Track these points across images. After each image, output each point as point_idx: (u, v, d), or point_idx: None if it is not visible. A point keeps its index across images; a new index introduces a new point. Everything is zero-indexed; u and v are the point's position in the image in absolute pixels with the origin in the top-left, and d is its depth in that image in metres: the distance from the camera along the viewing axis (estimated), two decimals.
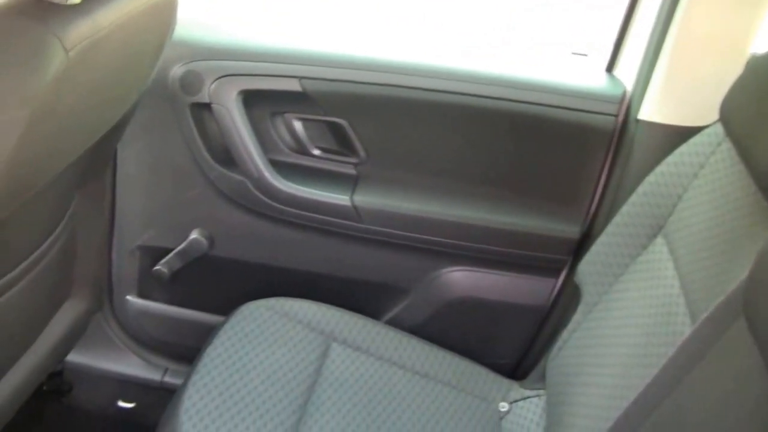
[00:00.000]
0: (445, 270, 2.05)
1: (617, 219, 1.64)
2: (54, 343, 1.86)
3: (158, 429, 1.62)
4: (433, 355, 1.88)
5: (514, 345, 2.11)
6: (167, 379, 2.33)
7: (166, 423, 1.59)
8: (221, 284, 2.17)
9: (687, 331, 1.27)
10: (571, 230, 1.93)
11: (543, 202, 1.94)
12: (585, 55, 2.09)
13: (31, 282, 1.62)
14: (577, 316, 1.72)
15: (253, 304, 1.85)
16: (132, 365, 2.35)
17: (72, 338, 1.98)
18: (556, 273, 2.01)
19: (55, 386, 2.33)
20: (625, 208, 1.63)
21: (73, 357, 2.31)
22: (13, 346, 1.70)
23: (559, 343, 1.76)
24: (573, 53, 2.12)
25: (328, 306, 1.90)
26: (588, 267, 1.69)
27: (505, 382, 1.90)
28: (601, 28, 2.13)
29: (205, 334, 1.81)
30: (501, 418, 1.81)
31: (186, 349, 2.14)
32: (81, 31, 1.16)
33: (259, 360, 1.72)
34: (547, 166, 1.90)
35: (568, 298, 1.97)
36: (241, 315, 1.82)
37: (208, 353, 1.71)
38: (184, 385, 1.64)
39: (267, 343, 1.76)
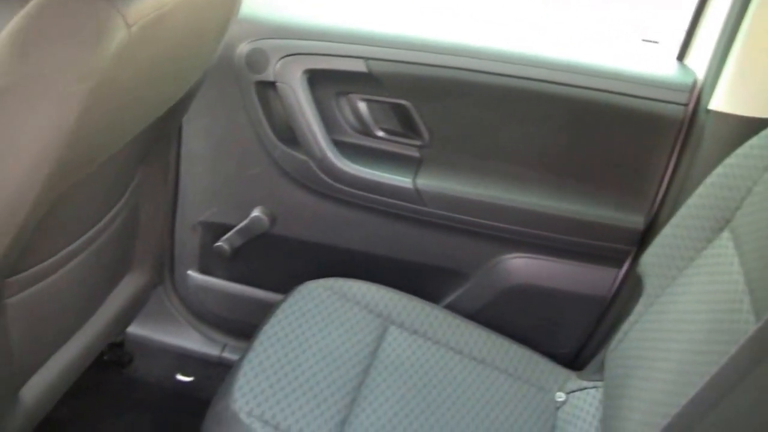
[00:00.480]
0: (506, 256, 2.03)
1: (683, 211, 1.61)
2: (114, 315, 1.88)
3: (212, 404, 1.63)
4: (490, 342, 1.86)
5: (574, 335, 2.08)
6: (225, 354, 2.34)
7: (220, 399, 1.60)
8: (281, 263, 2.18)
9: (751, 329, 1.24)
10: (636, 220, 1.90)
11: (608, 190, 1.91)
12: (656, 42, 2.06)
13: (92, 254, 1.63)
14: (638, 308, 1.69)
15: (312, 284, 1.85)
16: (191, 339, 2.37)
17: (132, 311, 2.00)
18: (618, 263, 1.98)
19: (115, 357, 2.35)
20: (692, 200, 1.59)
21: (134, 329, 2.33)
22: (74, 315, 1.72)
23: (619, 335, 1.74)
24: (644, 40, 2.09)
25: (387, 288, 1.89)
26: (651, 258, 1.66)
27: (563, 372, 1.88)
28: (675, 15, 2.09)
29: (264, 312, 1.82)
30: (557, 408, 1.79)
31: (245, 326, 2.15)
32: (144, 6, 1.16)
33: (315, 340, 1.72)
34: (613, 155, 1.88)
35: (630, 290, 1.94)
36: (300, 294, 1.82)
37: (264, 331, 1.71)
38: (240, 361, 1.65)
39: (324, 323, 1.76)
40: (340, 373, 1.67)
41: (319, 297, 1.82)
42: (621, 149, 1.87)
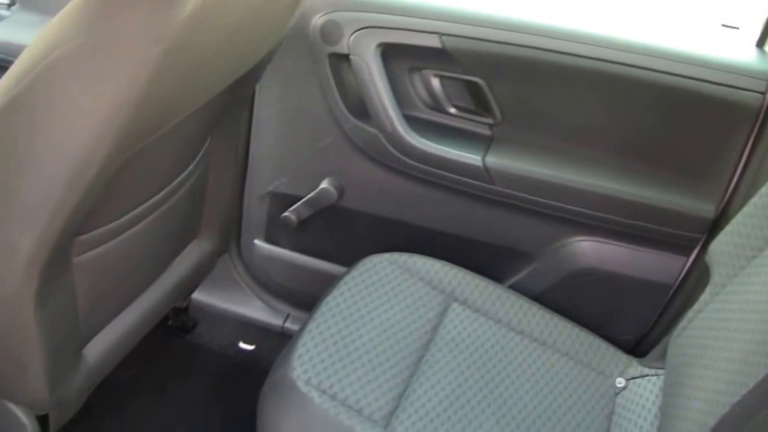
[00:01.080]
0: (572, 239, 2.02)
1: (755, 200, 1.58)
2: (179, 280, 1.90)
3: (271, 372, 1.64)
4: (552, 324, 1.85)
5: (637, 321, 2.06)
6: (288, 325, 2.36)
7: (279, 367, 1.61)
8: (347, 235, 2.19)
9: None
10: (706, 208, 1.88)
11: (679, 177, 1.88)
12: (736, 28, 2.02)
13: (160, 217, 1.65)
14: (704, 297, 1.67)
15: (377, 257, 1.85)
16: (255, 308, 2.39)
17: (197, 277, 2.02)
18: (687, 251, 1.96)
19: (180, 323, 2.38)
20: (765, 190, 1.57)
21: (199, 296, 2.36)
22: (139, 278, 1.74)
23: (683, 322, 1.72)
24: (723, 25, 2.05)
25: (452, 265, 1.88)
26: (719, 247, 1.64)
27: (624, 358, 1.86)
28: (756, 0, 2.05)
29: (328, 284, 1.83)
30: (616, 394, 1.77)
31: (308, 297, 2.16)
32: None
33: (377, 312, 1.72)
34: (687, 141, 1.85)
35: (697, 278, 1.92)
36: (364, 267, 1.83)
37: (327, 302, 1.72)
38: (301, 331, 1.66)
39: (387, 296, 1.77)
40: (400, 346, 1.67)
41: (383, 270, 1.83)
42: (696, 136, 1.84)
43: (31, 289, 1.34)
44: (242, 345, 2.42)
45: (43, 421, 1.56)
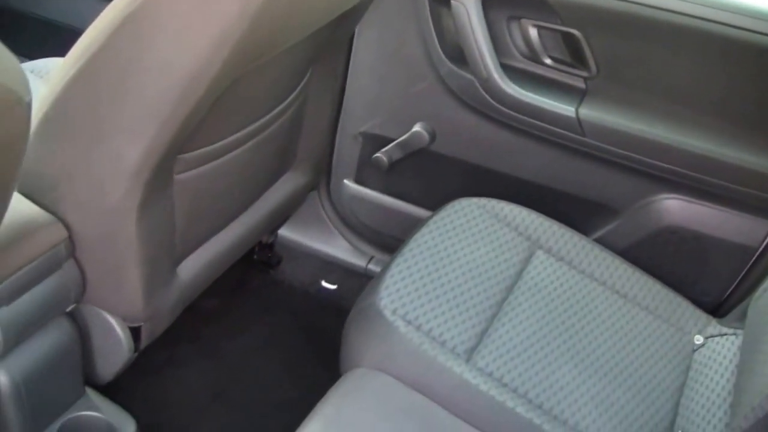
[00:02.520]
0: (660, 196, 2.03)
1: None
2: (271, 210, 1.95)
3: (357, 302, 1.69)
4: (635, 278, 1.87)
5: (719, 283, 2.07)
6: (371, 266, 2.40)
7: (366, 297, 1.66)
8: (436, 180, 2.22)
9: None
10: None
11: None
12: None
13: (257, 144, 1.70)
14: None
15: (465, 201, 1.88)
16: (339, 248, 2.44)
17: (288, 209, 2.07)
18: None
19: (265, 258, 2.44)
20: None
21: (285, 232, 2.41)
22: (233, 202, 1.79)
23: (765, 284, 1.73)
24: None
25: (538, 214, 1.91)
26: None
27: (703, 317, 1.87)
28: None
29: (414, 227, 1.86)
30: (694, 350, 1.79)
31: (393, 240, 2.20)
32: None
33: (463, 253, 1.75)
34: None
35: None
36: (453, 209, 1.86)
37: (415, 239, 1.76)
38: (389, 264, 1.70)
39: (474, 238, 1.80)
40: (484, 287, 1.70)
41: (471, 214, 1.85)
42: None
43: (135, 200, 1.40)
44: (324, 284, 2.47)
45: (135, 333, 1.62)
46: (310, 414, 1.45)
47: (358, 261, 2.44)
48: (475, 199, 1.89)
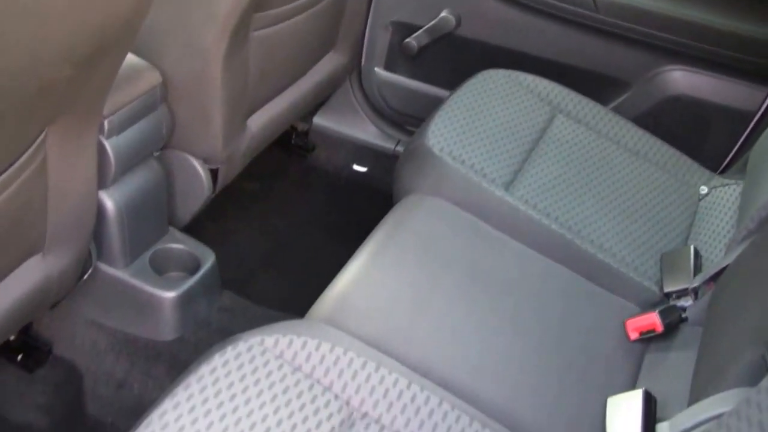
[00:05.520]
0: (666, 67, 2.23)
1: None
2: (316, 84, 2.18)
3: (407, 145, 1.90)
4: (645, 139, 2.07)
5: (721, 146, 2.28)
6: (399, 149, 2.61)
7: (416, 140, 1.87)
8: (461, 62, 2.42)
9: None
10: None
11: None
12: None
13: (310, 17, 1.93)
14: None
15: (491, 71, 2.08)
16: (369, 134, 2.64)
17: (329, 86, 2.29)
18: None
19: (301, 143, 2.65)
20: None
21: (319, 120, 2.62)
22: (290, 68, 2.02)
23: (762, 138, 1.92)
24: None
25: (557, 84, 2.11)
26: None
27: (707, 172, 2.07)
28: None
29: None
30: (699, 200, 1.99)
31: (420, 123, 2.40)
32: None
33: (494, 110, 1.96)
34: None
35: None
36: (482, 77, 2.06)
37: (453, 98, 1.96)
38: (432, 115, 1.91)
39: (501, 101, 2.00)
40: (514, 137, 1.91)
41: (498, 82, 2.06)
42: None
43: (222, 46, 1.63)
44: (356, 167, 2.69)
45: (213, 175, 1.85)
46: (370, 234, 1.68)
47: (386, 144, 2.65)
48: (501, 71, 2.10)
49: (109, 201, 1.67)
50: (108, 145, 1.59)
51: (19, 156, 1.25)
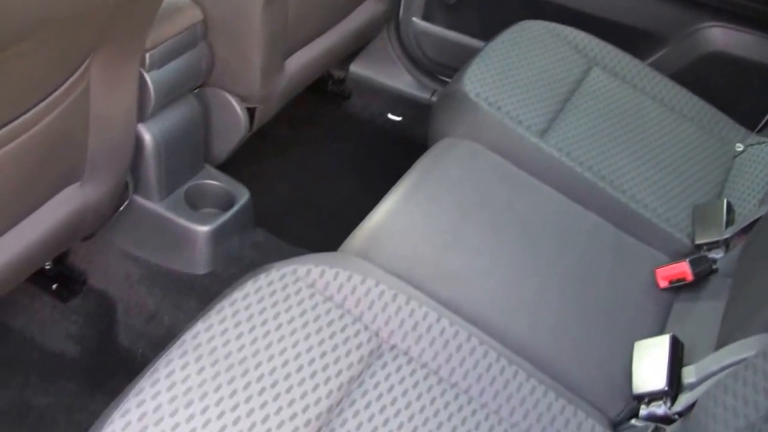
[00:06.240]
0: (705, 24, 2.23)
1: None
2: (353, 30, 2.19)
3: (444, 90, 1.91)
4: (681, 95, 2.06)
5: (759, 105, 2.23)
6: (435, 99, 2.61)
7: (452, 85, 1.89)
8: (499, 14, 2.41)
9: None
10: None
11: None
12: None
13: None
14: None
15: (529, 22, 2.08)
16: (405, 83, 2.65)
17: (363, 36, 2.32)
18: None
19: (337, 90, 2.66)
20: None
21: (356, 68, 2.63)
22: (329, 12, 2.03)
23: None
24: None
25: (594, 36, 2.11)
26: None
27: (743, 130, 2.07)
28: None
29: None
30: (734, 157, 1.98)
31: (455, 73, 2.41)
32: None
33: (531, 60, 1.96)
34: None
35: None
36: (519, 28, 2.07)
37: (491, 45, 1.97)
38: (470, 61, 1.91)
39: (537, 51, 2.00)
40: (550, 87, 1.92)
41: (535, 33, 2.06)
42: None
43: None
44: (391, 116, 2.70)
45: (250, 114, 1.87)
46: (405, 174, 1.69)
47: (422, 94, 2.66)
48: (538, 21, 2.09)
49: (147, 134, 1.69)
50: (148, 78, 1.61)
51: (63, 82, 1.27)
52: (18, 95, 1.19)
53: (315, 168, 2.44)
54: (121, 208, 1.72)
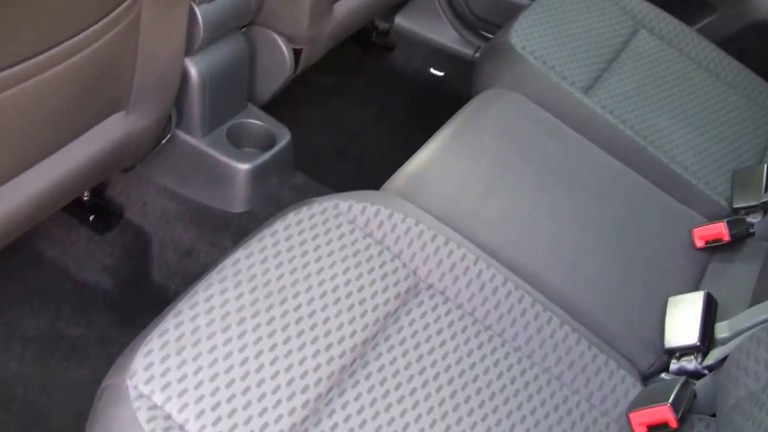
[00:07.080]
0: None
1: None
2: None
3: (488, 43, 1.91)
4: (727, 62, 2.06)
5: None
6: (478, 55, 2.60)
7: (498, 37, 1.89)
8: None
9: None
10: None
11: None
12: None
13: None
14: None
15: None
16: (450, 38, 2.64)
17: None
18: None
19: (381, 42, 2.66)
20: None
21: (401, 21, 2.63)
22: None
23: None
24: None
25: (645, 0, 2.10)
26: None
27: None
28: None
29: None
30: None
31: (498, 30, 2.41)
32: None
33: (578, 19, 1.94)
34: None
35: None
36: None
37: (538, 2, 1.96)
38: (516, 16, 1.91)
39: (585, 10, 1.98)
40: (596, 46, 1.91)
41: None
42: None
43: None
44: (433, 71, 2.69)
45: (296, 55, 1.88)
46: (449, 120, 1.70)
47: (465, 50, 2.65)
48: None
49: (193, 68, 1.70)
50: (198, 11, 1.61)
51: (115, 8, 1.28)
52: (65, 18, 1.20)
53: (355, 118, 2.45)
54: (163, 141, 1.73)
